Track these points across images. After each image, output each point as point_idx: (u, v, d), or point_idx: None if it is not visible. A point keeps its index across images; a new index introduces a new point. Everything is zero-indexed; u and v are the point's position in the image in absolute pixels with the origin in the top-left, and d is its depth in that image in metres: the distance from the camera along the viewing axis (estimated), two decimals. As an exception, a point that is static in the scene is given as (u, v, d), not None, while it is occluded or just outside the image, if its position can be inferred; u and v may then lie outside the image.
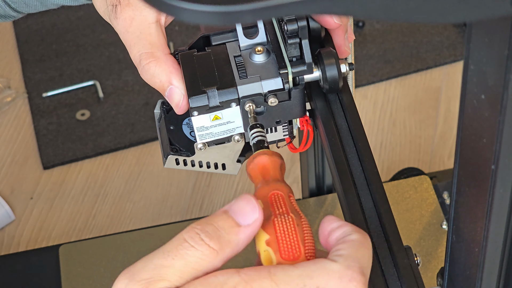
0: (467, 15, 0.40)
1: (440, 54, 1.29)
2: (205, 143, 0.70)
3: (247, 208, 0.56)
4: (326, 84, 0.68)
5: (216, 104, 0.68)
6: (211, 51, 0.70)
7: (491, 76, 0.46)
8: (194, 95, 0.67)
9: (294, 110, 0.69)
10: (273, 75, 0.68)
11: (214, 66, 0.69)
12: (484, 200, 0.52)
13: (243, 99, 0.68)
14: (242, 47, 0.70)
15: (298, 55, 0.67)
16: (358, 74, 1.26)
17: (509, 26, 0.43)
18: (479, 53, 0.47)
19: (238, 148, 0.71)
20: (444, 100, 1.24)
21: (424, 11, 0.39)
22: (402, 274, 0.61)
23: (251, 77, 0.68)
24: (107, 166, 1.21)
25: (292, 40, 0.66)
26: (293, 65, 0.67)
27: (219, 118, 0.68)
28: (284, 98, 0.68)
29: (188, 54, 0.70)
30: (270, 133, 0.71)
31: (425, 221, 0.99)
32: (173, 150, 0.71)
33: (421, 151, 1.19)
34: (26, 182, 1.19)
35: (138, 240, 0.99)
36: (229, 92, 0.67)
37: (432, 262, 0.94)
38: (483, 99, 0.48)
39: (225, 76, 0.68)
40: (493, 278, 0.58)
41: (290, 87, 0.68)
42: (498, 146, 0.48)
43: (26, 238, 1.13)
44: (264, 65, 0.69)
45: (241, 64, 0.69)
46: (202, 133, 0.69)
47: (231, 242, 0.55)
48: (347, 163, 0.67)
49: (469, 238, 0.57)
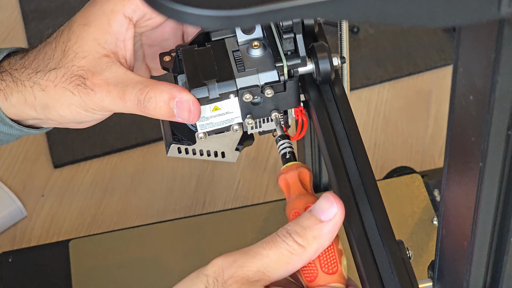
0: (456, 19, 0.40)
1: (431, 58, 1.29)
2: (206, 133, 0.71)
3: (326, 205, 0.60)
4: (319, 76, 0.70)
5: (216, 96, 0.69)
6: (211, 46, 0.72)
7: (479, 78, 0.46)
8: (195, 87, 0.68)
9: (289, 101, 0.71)
10: (269, 68, 0.69)
11: (213, 60, 0.71)
12: (472, 196, 0.52)
13: (241, 91, 0.69)
14: (240, 42, 0.72)
15: (293, 49, 0.69)
16: (353, 77, 1.26)
17: (496, 29, 0.43)
18: (467, 56, 0.47)
19: (236, 137, 0.73)
20: (434, 102, 1.24)
21: (414, 16, 0.39)
22: (395, 266, 0.61)
23: (249, 70, 0.70)
24: (115, 164, 1.20)
25: (287, 35, 0.68)
26: (288, 59, 0.69)
27: (219, 109, 0.70)
28: (280, 89, 0.70)
29: (189, 49, 0.72)
30: (267, 122, 0.72)
31: (416, 217, 0.99)
32: (175, 140, 0.72)
33: (413, 151, 1.19)
34: (38, 180, 1.19)
35: (144, 235, 0.99)
36: (228, 84, 0.69)
37: (424, 256, 0.94)
38: (472, 100, 0.48)
39: (224, 69, 0.70)
40: (480, 270, 0.58)
41: (285, 79, 0.69)
42: (486, 145, 0.48)
43: (37, 234, 1.13)
44: (261, 58, 0.70)
45: (239, 58, 0.71)
46: (202, 123, 0.70)
47: (316, 237, 0.60)
48: (343, 162, 0.67)
49: (458, 233, 0.57)
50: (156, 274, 0.96)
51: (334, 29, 0.97)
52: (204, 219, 1.00)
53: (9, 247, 1.11)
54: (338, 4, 0.37)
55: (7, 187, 1.15)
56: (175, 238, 0.99)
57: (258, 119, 0.72)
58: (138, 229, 1.01)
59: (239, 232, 0.98)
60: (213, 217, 1.01)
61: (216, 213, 1.02)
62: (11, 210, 1.13)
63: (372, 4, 0.38)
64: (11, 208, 1.13)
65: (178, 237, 0.99)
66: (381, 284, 0.61)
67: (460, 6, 0.39)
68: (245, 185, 1.15)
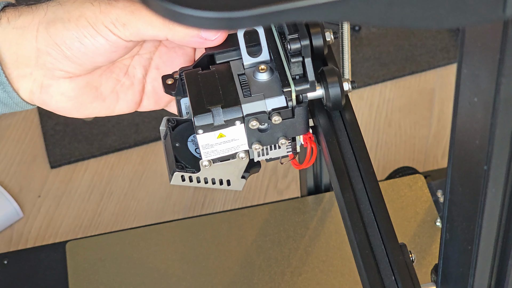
0: (461, 21, 0.39)
1: (434, 57, 1.29)
2: (210, 160, 0.69)
3: None
4: (329, 102, 0.67)
5: (221, 123, 0.66)
6: (215, 70, 0.69)
7: (484, 80, 0.46)
8: (199, 114, 0.66)
9: (297, 127, 0.68)
10: (276, 93, 0.67)
11: (218, 84, 0.68)
12: (476, 199, 0.52)
13: (248, 117, 0.66)
14: (246, 66, 0.69)
15: (301, 73, 0.66)
16: (355, 76, 1.26)
17: (500, 31, 0.42)
18: (472, 57, 0.47)
19: (242, 165, 0.71)
20: (437, 102, 1.24)
21: (419, 18, 0.39)
22: (398, 271, 0.61)
23: (255, 95, 0.67)
24: (112, 165, 1.20)
25: (295, 58, 0.65)
26: (296, 83, 0.66)
27: (224, 136, 0.67)
28: (288, 115, 0.67)
29: (193, 73, 0.69)
30: (274, 149, 0.70)
31: (419, 218, 0.99)
32: (179, 167, 0.70)
33: (416, 151, 1.19)
34: (34, 181, 1.19)
35: (142, 237, 0.99)
36: (234, 111, 0.66)
37: (427, 258, 0.94)
38: (476, 102, 0.48)
39: (230, 94, 0.67)
40: (485, 275, 0.58)
41: (293, 105, 0.67)
42: (491, 148, 0.48)
43: (34, 235, 1.13)
44: (268, 83, 0.68)
45: (245, 82, 0.68)
46: (207, 150, 0.68)
47: None
48: (344, 162, 0.67)
49: (462, 236, 0.57)
50: (155, 276, 0.96)
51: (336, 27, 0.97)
52: (203, 221, 1.00)
53: (5, 248, 1.11)
54: (342, 6, 0.37)
55: (3, 188, 1.15)
56: (174, 240, 0.98)
57: (265, 146, 0.69)
58: (136, 230, 1.01)
59: (239, 234, 0.98)
60: (212, 218, 1.00)
61: (216, 214, 1.02)
62: (7, 211, 1.13)
63: (377, 7, 0.37)
64: (7, 209, 1.13)
65: (177, 239, 0.99)
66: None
67: (465, 8, 0.39)
68: (245, 185, 1.15)
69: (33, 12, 0.68)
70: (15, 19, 0.68)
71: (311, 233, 0.98)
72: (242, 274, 0.95)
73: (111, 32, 0.66)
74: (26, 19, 0.68)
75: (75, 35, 0.67)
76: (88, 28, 0.66)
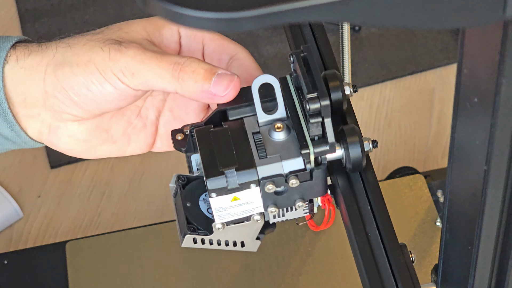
0: (462, 22, 0.40)
1: (434, 57, 1.29)
2: (224, 223, 0.65)
3: None
4: (349, 163, 0.63)
5: (235, 186, 0.62)
6: (228, 127, 0.65)
7: (484, 80, 0.46)
8: (212, 177, 0.62)
9: (315, 190, 0.64)
10: (294, 155, 0.63)
11: (231, 143, 0.64)
12: (476, 199, 0.52)
13: (263, 181, 0.62)
14: (261, 123, 0.65)
15: (320, 134, 0.62)
16: (355, 76, 1.26)
17: (500, 31, 0.43)
18: (472, 57, 0.47)
19: (257, 227, 0.67)
20: (437, 102, 1.24)
21: (420, 18, 0.39)
22: (398, 271, 0.61)
23: (271, 156, 0.63)
24: (112, 165, 1.20)
25: (314, 119, 0.61)
26: (315, 145, 0.62)
27: (238, 199, 0.64)
28: (306, 178, 0.63)
29: (204, 130, 0.65)
30: (291, 211, 0.66)
31: (419, 218, 0.99)
32: (190, 229, 0.66)
33: (416, 151, 1.19)
34: (34, 181, 1.19)
35: (142, 237, 0.99)
36: (248, 173, 0.62)
37: (427, 258, 0.94)
38: (476, 102, 0.48)
39: (244, 155, 0.63)
40: (485, 276, 0.58)
41: (311, 167, 0.63)
42: (491, 148, 0.48)
43: (34, 235, 1.13)
44: (284, 143, 0.63)
45: (259, 141, 0.64)
46: (220, 213, 0.64)
47: None
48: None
49: (462, 237, 0.57)
50: (155, 276, 0.96)
51: (336, 28, 0.97)
52: (203, 221, 1.00)
53: (4, 248, 1.11)
54: (344, 7, 0.37)
55: (3, 188, 1.15)
56: (174, 240, 0.98)
57: (282, 208, 0.65)
58: (136, 230, 1.01)
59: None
60: (212, 219, 1.00)
61: (216, 214, 1.01)
62: (7, 211, 1.13)
63: (377, 8, 0.37)
64: (7, 209, 1.13)
65: (176, 239, 0.98)
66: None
67: (466, 8, 0.39)
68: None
69: (42, 52, 0.67)
70: (24, 58, 0.67)
71: (311, 234, 0.98)
72: (242, 275, 0.95)
73: (120, 81, 0.65)
74: (35, 59, 0.67)
75: (82, 81, 0.65)
76: (96, 74, 0.65)
